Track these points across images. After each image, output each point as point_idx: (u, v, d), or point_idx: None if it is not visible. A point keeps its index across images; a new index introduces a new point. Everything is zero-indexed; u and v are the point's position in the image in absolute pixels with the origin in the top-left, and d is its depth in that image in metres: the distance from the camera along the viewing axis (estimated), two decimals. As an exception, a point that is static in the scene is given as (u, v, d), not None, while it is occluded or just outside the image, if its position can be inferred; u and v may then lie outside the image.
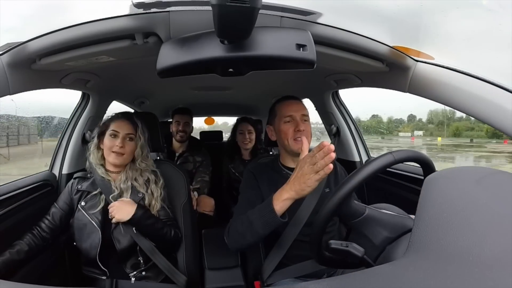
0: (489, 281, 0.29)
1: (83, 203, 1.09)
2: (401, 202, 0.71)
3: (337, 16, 0.83)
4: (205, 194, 1.83)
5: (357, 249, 0.59)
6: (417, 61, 0.92)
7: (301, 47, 0.67)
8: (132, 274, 1.08)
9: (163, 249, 1.11)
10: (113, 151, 1.08)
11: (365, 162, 1.69)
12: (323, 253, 0.67)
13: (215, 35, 0.64)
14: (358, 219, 0.63)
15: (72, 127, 1.47)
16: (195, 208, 1.60)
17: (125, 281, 1.07)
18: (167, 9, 0.72)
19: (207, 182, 1.91)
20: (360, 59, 0.93)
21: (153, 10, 0.72)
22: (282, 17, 0.75)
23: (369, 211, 0.63)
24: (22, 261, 0.98)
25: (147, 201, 1.11)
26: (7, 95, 0.84)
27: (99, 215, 1.06)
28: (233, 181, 2.12)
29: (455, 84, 0.82)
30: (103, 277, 1.06)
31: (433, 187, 0.44)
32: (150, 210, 1.10)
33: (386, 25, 0.95)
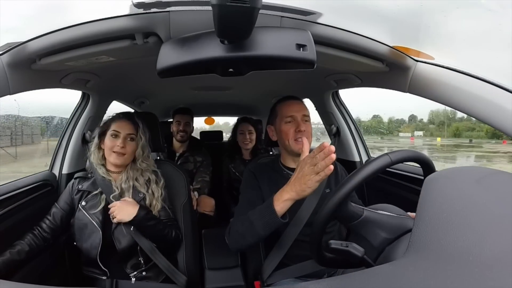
0: (489, 281, 0.29)
1: (84, 203, 1.09)
2: (401, 202, 0.71)
3: (337, 16, 0.83)
4: (206, 194, 1.83)
5: (357, 249, 0.59)
6: (417, 61, 0.92)
7: (301, 47, 0.67)
8: (132, 274, 1.08)
9: (163, 250, 1.11)
10: (114, 151, 1.08)
11: (365, 162, 1.69)
12: (323, 253, 0.67)
13: (215, 35, 0.64)
14: (356, 222, 0.63)
15: (72, 127, 1.48)
16: (195, 208, 1.60)
17: (126, 281, 1.07)
18: (167, 9, 0.72)
19: (207, 182, 1.91)
20: (360, 59, 0.93)
21: (153, 10, 0.72)
22: (282, 17, 0.75)
23: (366, 213, 0.63)
24: (22, 261, 0.98)
25: (147, 201, 1.11)
26: (7, 95, 0.84)
27: (99, 215, 1.06)
28: (233, 181, 2.12)
29: (455, 84, 0.82)
30: (104, 277, 1.06)
31: (433, 187, 0.44)
32: (152, 211, 1.10)
33: (386, 25, 0.95)
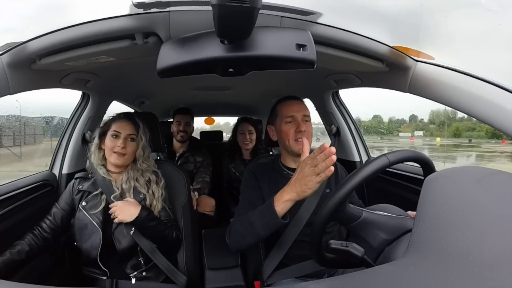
0: (489, 281, 0.29)
1: (84, 203, 1.09)
2: (401, 202, 0.71)
3: (337, 16, 0.83)
4: (206, 194, 1.83)
5: (357, 249, 0.59)
6: (417, 61, 0.92)
7: (301, 47, 0.67)
8: (132, 274, 1.08)
9: (163, 250, 1.11)
10: (115, 152, 1.08)
11: (366, 162, 1.69)
12: (323, 253, 0.67)
13: (215, 35, 0.64)
14: (355, 223, 0.62)
15: (72, 127, 1.47)
16: (195, 208, 1.60)
17: (126, 281, 1.07)
18: (167, 9, 0.72)
19: (207, 182, 1.91)
20: (360, 59, 0.93)
21: (153, 10, 0.72)
22: (282, 17, 0.75)
23: (365, 214, 0.62)
24: (22, 261, 0.98)
25: (148, 202, 1.11)
26: (7, 95, 0.84)
27: (100, 215, 1.06)
28: (233, 181, 2.12)
29: (455, 84, 0.82)
30: (104, 277, 1.06)
31: (433, 187, 0.44)
32: (153, 211, 1.10)
33: (386, 25, 0.95)
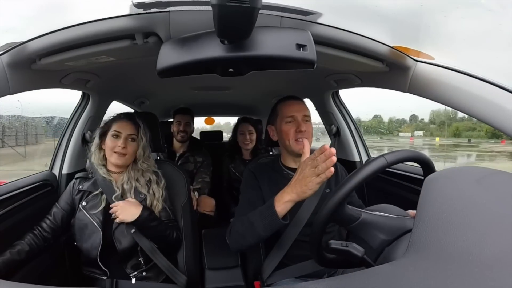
0: (489, 281, 0.29)
1: (84, 203, 1.09)
2: (401, 202, 0.71)
3: (337, 16, 0.83)
4: (206, 194, 1.83)
5: (357, 249, 0.59)
6: (417, 61, 0.92)
7: (301, 47, 0.67)
8: (132, 274, 1.08)
9: (163, 250, 1.11)
10: (115, 152, 1.08)
11: (365, 161, 1.69)
12: (323, 253, 0.67)
13: (215, 35, 0.64)
14: (354, 224, 0.62)
15: (72, 127, 1.47)
16: (195, 208, 1.60)
17: (126, 281, 1.07)
18: (167, 9, 0.72)
19: (207, 182, 1.91)
20: (360, 59, 0.93)
21: (153, 10, 0.72)
22: (282, 17, 0.75)
23: (364, 216, 0.62)
24: (22, 261, 0.98)
25: (148, 202, 1.11)
26: (7, 95, 0.84)
27: (100, 215, 1.06)
28: (233, 181, 2.12)
29: (455, 84, 0.82)
30: (104, 277, 1.06)
31: (433, 187, 0.44)
32: (154, 211, 1.10)
33: (386, 25, 0.95)
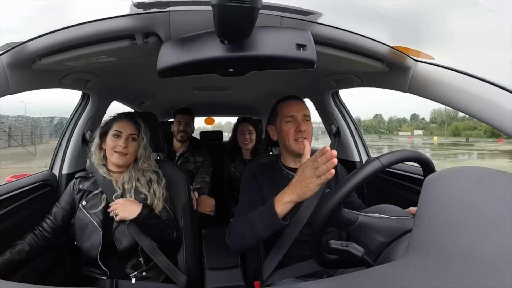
0: (489, 281, 0.29)
1: (84, 203, 1.09)
2: (401, 202, 0.71)
3: (337, 16, 0.83)
4: (206, 194, 1.83)
5: (357, 249, 0.58)
6: (417, 61, 0.92)
7: (301, 47, 0.67)
8: (132, 274, 1.08)
9: (163, 250, 1.11)
10: (116, 151, 1.08)
11: (365, 161, 1.69)
12: (323, 253, 0.67)
13: (215, 35, 0.64)
14: (351, 227, 0.62)
15: (72, 127, 1.47)
16: (195, 208, 1.60)
17: (126, 281, 1.07)
18: (167, 9, 0.72)
19: (207, 182, 1.91)
20: (360, 59, 0.93)
21: (153, 10, 0.72)
22: (282, 17, 0.75)
23: (361, 218, 0.62)
24: (23, 261, 0.98)
25: (149, 201, 1.11)
26: (7, 95, 0.84)
27: (100, 215, 1.06)
28: (233, 181, 2.12)
29: (455, 84, 0.82)
30: (104, 277, 1.06)
31: (433, 187, 0.44)
32: (154, 210, 1.10)
33: (386, 25, 0.95)
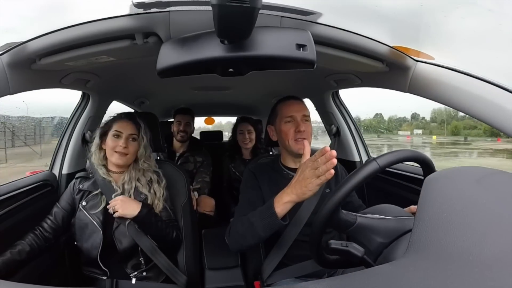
0: (489, 281, 0.29)
1: (84, 203, 1.09)
2: (401, 202, 0.71)
3: (337, 16, 0.83)
4: (206, 194, 1.83)
5: (357, 249, 0.58)
6: (417, 61, 0.92)
7: (301, 47, 0.67)
8: (133, 274, 1.08)
9: (163, 250, 1.11)
10: (116, 151, 1.08)
11: (365, 161, 1.69)
12: (323, 254, 0.67)
13: (215, 35, 0.64)
14: (350, 229, 0.62)
15: (72, 127, 1.47)
16: (195, 208, 1.60)
17: (126, 281, 1.07)
18: (167, 9, 0.72)
19: (207, 182, 1.91)
20: (360, 59, 0.93)
21: (153, 10, 0.72)
22: (282, 17, 0.75)
23: (359, 220, 0.62)
24: (23, 261, 0.98)
25: (149, 201, 1.11)
26: (7, 95, 0.84)
27: (100, 215, 1.06)
28: (233, 181, 2.12)
29: (455, 84, 0.82)
30: (104, 277, 1.06)
31: (433, 187, 0.44)
32: (154, 209, 1.10)
33: (386, 25, 0.95)
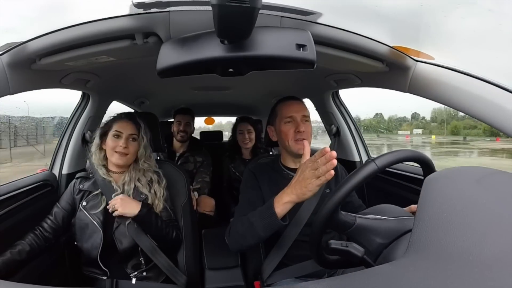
0: (489, 281, 0.29)
1: (85, 203, 1.09)
2: (401, 202, 0.71)
3: (337, 16, 0.83)
4: (206, 194, 1.83)
5: (357, 249, 0.58)
6: (417, 61, 0.92)
7: (301, 47, 0.67)
8: (133, 274, 1.08)
9: (163, 250, 1.11)
10: (116, 151, 1.08)
11: (365, 162, 1.69)
12: (323, 254, 0.67)
13: (215, 35, 0.64)
14: (349, 230, 0.62)
15: (72, 127, 1.47)
16: (195, 208, 1.60)
17: (126, 281, 1.07)
18: (167, 9, 0.72)
19: (207, 182, 1.91)
20: (360, 59, 0.93)
21: (153, 10, 0.72)
22: (282, 17, 0.75)
23: (359, 221, 0.62)
24: (23, 261, 0.98)
25: (150, 201, 1.11)
26: (7, 95, 0.84)
27: (100, 215, 1.06)
28: (233, 181, 2.12)
29: (455, 84, 0.82)
30: (104, 277, 1.06)
31: (433, 187, 0.44)
32: (153, 208, 1.10)
33: (386, 25, 0.95)
